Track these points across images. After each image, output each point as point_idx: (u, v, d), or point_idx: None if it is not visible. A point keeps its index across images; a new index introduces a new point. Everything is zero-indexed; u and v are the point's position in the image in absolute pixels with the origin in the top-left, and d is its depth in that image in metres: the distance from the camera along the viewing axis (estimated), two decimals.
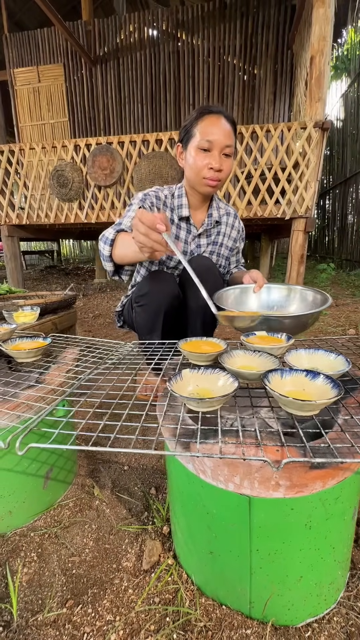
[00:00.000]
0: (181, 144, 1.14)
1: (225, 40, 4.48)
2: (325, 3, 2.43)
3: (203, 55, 4.56)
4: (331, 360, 0.59)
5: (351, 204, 4.99)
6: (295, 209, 2.75)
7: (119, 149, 2.91)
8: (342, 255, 5.24)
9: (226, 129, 1.06)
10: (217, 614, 0.52)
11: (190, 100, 4.75)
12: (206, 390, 0.53)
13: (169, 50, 4.64)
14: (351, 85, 4.80)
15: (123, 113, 4.95)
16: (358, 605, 0.54)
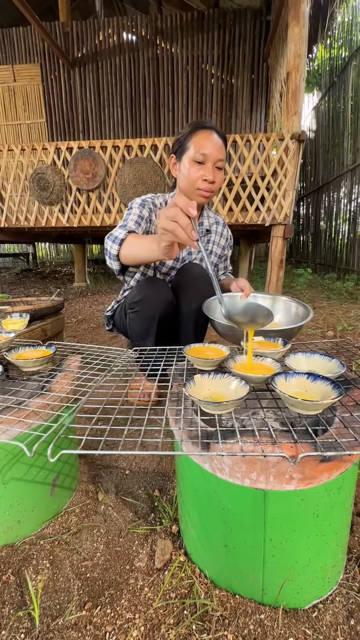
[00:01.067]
0: (175, 155, 1.19)
1: (204, 50, 4.60)
2: (300, 23, 2.57)
3: (182, 63, 4.65)
4: (327, 363, 0.65)
5: (324, 210, 5.24)
6: (275, 216, 2.86)
7: (101, 153, 2.91)
8: (316, 260, 5.49)
9: (218, 143, 1.12)
10: (231, 603, 0.56)
11: (169, 106, 4.82)
12: (218, 394, 0.56)
13: (149, 57, 4.69)
14: (322, 99, 5.06)
15: (102, 116, 4.93)
16: (356, 585, 0.59)
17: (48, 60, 4.85)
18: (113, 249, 1.00)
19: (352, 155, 4.24)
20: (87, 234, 4.12)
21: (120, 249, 0.99)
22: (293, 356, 0.68)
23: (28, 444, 0.49)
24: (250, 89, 4.66)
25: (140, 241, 0.95)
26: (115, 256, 1.01)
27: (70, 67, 4.82)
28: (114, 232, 1.03)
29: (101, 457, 1.01)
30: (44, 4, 5.92)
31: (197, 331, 1.31)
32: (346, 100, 4.32)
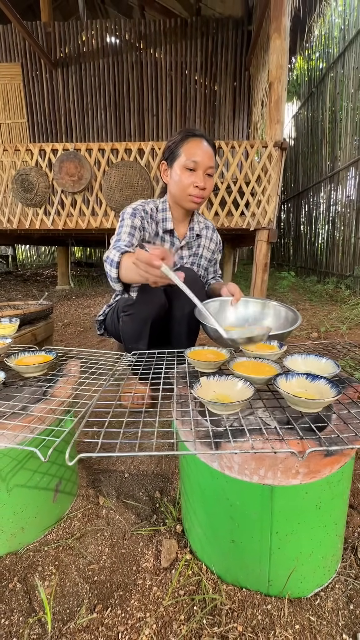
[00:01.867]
0: (166, 161, 1.21)
1: (187, 57, 4.67)
2: (281, 35, 2.67)
3: (166, 69, 4.70)
4: (322, 364, 0.69)
5: (304, 215, 5.42)
6: (259, 220, 2.94)
7: (87, 156, 2.90)
8: (297, 263, 5.66)
9: (209, 151, 1.16)
10: (239, 596, 0.58)
11: (153, 110, 4.85)
12: (224, 395, 0.59)
13: (132, 61, 4.71)
14: (301, 108, 5.25)
15: (86, 118, 4.90)
16: (353, 572, 0.63)
17: (29, 60, 4.77)
18: (112, 272, 1.00)
19: (330, 163, 4.41)
20: (71, 236, 4.07)
21: (119, 271, 0.99)
22: (290, 358, 0.71)
23: (41, 449, 0.49)
24: (233, 96, 4.77)
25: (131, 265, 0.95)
26: (116, 279, 1.01)
27: (53, 68, 4.76)
28: (109, 254, 1.02)
29: (99, 461, 1.01)
30: (24, 3, 5.82)
31: (189, 334, 1.33)
32: (324, 110, 4.50)
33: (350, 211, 3.93)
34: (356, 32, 3.62)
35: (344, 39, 3.90)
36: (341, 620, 0.55)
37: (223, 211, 2.94)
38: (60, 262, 4.88)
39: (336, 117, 4.17)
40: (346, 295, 3.43)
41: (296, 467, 0.48)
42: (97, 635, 0.54)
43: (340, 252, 4.16)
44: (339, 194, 4.20)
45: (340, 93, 4.07)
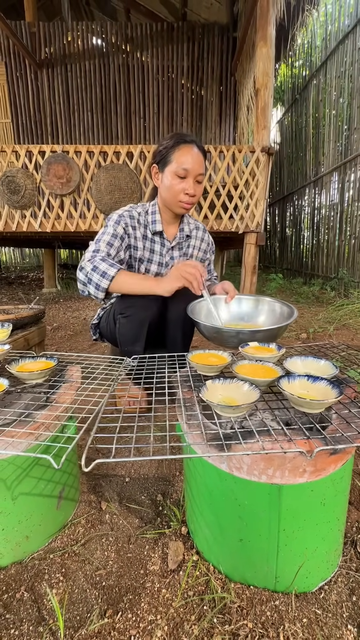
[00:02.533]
0: (157, 165, 1.23)
1: (174, 61, 4.70)
2: (267, 43, 2.74)
3: (152, 72, 4.72)
4: (320, 365, 0.72)
5: (289, 219, 5.54)
6: (247, 224, 2.99)
7: (75, 158, 2.88)
8: (283, 265, 5.77)
9: (199, 158, 1.18)
10: (247, 594, 0.59)
11: (140, 113, 4.86)
12: (231, 398, 0.60)
13: (119, 63, 4.71)
14: (285, 114, 5.37)
15: (72, 120, 4.86)
16: (353, 565, 0.65)
17: (13, 59, 4.69)
18: (102, 283, 1.06)
19: (314, 168, 4.53)
20: (58, 238, 4.02)
21: (111, 284, 1.06)
22: (290, 360, 0.74)
23: (54, 455, 0.49)
24: (219, 100, 4.84)
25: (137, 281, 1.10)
26: (105, 289, 1.07)
27: (38, 68, 4.70)
28: (99, 265, 1.07)
29: (99, 466, 1.00)
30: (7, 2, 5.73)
31: (185, 337, 1.34)
32: (308, 116, 4.63)
33: (333, 215, 4.05)
34: (337, 43, 3.74)
35: (325, 49, 4.03)
36: (345, 612, 0.57)
37: (212, 214, 2.98)
38: (46, 265, 4.81)
39: (319, 123, 4.29)
40: (331, 297, 3.53)
41: (303, 466, 0.50)
42: (109, 639, 0.54)
43: (325, 255, 4.27)
44: (323, 198, 4.32)
45: (322, 100, 4.19)
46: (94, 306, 3.74)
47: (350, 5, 3.48)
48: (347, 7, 3.55)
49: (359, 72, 3.38)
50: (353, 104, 3.49)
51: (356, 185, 3.53)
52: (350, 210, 3.68)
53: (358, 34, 3.37)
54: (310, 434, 0.52)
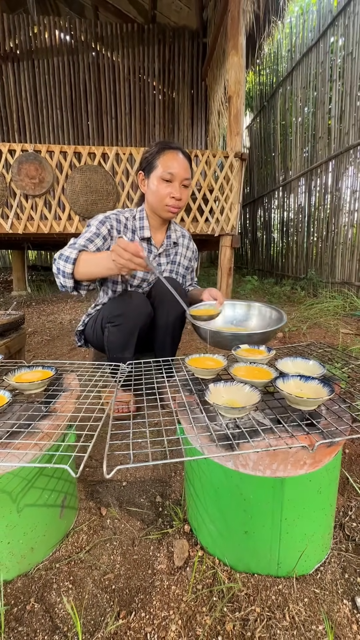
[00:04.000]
0: (143, 172, 1.24)
1: (145, 62, 4.70)
2: (238, 53, 2.83)
3: (124, 73, 4.69)
4: (309, 365, 0.78)
5: (260, 221, 5.74)
6: (223, 227, 3.07)
7: (48, 158, 2.80)
8: (255, 266, 5.96)
9: (185, 163, 1.21)
10: (252, 582, 0.64)
11: (112, 113, 4.81)
12: (233, 400, 0.64)
13: (89, 62, 4.62)
14: (254, 120, 5.56)
15: (40, 118, 4.70)
16: (343, 546, 0.72)
17: None
18: (67, 268, 1.04)
19: (282, 173, 4.73)
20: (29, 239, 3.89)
21: (75, 267, 1.04)
22: (281, 361, 0.79)
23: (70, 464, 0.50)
24: (191, 104, 4.91)
25: (95, 259, 1.04)
26: (70, 274, 1.05)
27: (2, 61, 4.50)
28: (64, 252, 1.07)
29: (93, 472, 1.01)
30: None
31: (173, 342, 1.37)
32: (275, 123, 4.82)
33: (301, 218, 4.26)
34: (301, 56, 3.94)
35: (291, 59, 4.22)
36: (340, 589, 0.63)
37: (189, 217, 3.03)
38: (15, 267, 4.62)
39: (287, 130, 4.49)
40: (302, 296, 3.71)
41: (304, 459, 0.55)
42: (126, 639, 0.56)
43: (295, 256, 4.48)
44: (292, 202, 4.52)
45: (289, 109, 4.39)
46: (70, 309, 3.66)
47: (313, 20, 3.68)
48: (310, 21, 3.75)
49: (322, 84, 3.59)
50: (317, 114, 3.69)
51: (321, 191, 3.74)
52: (317, 214, 3.89)
53: (321, 49, 3.57)
54: (305, 429, 0.57)
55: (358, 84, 2.98)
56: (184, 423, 0.66)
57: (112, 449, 1.08)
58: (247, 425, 0.61)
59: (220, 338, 0.99)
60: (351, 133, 3.11)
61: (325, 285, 3.61)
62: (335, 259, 3.48)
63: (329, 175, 3.57)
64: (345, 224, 3.32)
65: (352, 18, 3.01)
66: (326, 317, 2.76)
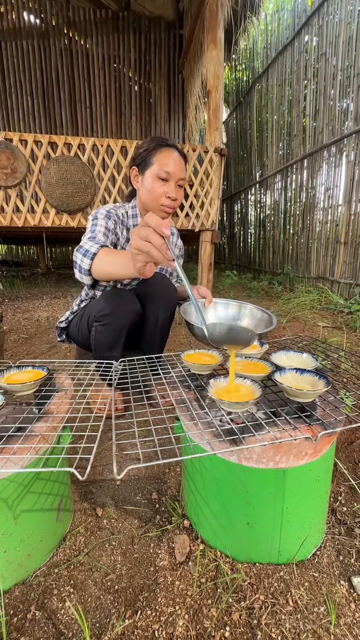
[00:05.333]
0: (137, 168, 1.21)
1: (120, 51, 4.58)
2: (217, 47, 2.82)
3: (98, 61, 4.54)
4: (302, 358, 0.80)
5: (237, 217, 5.80)
6: (203, 222, 3.08)
7: (21, 147, 2.66)
8: (233, 261, 6.04)
9: (181, 162, 1.19)
10: (254, 571, 0.65)
11: (86, 102, 4.65)
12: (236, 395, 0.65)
13: (61, 47, 4.43)
14: (230, 115, 5.58)
15: (9, 103, 4.46)
16: (336, 530, 0.75)
17: None
18: (84, 264, 0.95)
19: (259, 169, 4.81)
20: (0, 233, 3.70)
21: (92, 263, 0.94)
22: (275, 354, 0.81)
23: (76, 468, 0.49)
24: (168, 97, 4.85)
25: (114, 257, 0.90)
26: (87, 271, 0.96)
27: None
28: (83, 244, 0.99)
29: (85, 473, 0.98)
30: None
31: (162, 339, 1.36)
32: (252, 120, 4.87)
33: (277, 214, 4.36)
34: (277, 53, 3.99)
35: (267, 57, 4.27)
36: (336, 571, 0.66)
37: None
38: None
39: (263, 127, 4.55)
40: (279, 291, 3.81)
41: (306, 450, 0.57)
42: (134, 639, 0.55)
43: (271, 252, 4.58)
44: (268, 198, 4.61)
45: (265, 106, 4.45)
46: (46, 306, 3.53)
47: (288, 18, 3.73)
48: (285, 19, 3.81)
49: (297, 83, 3.66)
50: (293, 112, 3.77)
51: (296, 188, 3.84)
52: (292, 211, 3.99)
53: (296, 47, 3.63)
54: (307, 420, 0.59)
55: (331, 84, 3.07)
56: (184, 419, 0.66)
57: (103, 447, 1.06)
58: (250, 419, 0.62)
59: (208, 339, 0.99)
60: (325, 132, 3.21)
61: (301, 280, 3.72)
62: (311, 255, 3.60)
63: (304, 172, 3.67)
64: (320, 221, 3.43)
65: (326, 19, 3.09)
66: (303, 311, 2.85)
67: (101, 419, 0.66)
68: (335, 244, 3.18)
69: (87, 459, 1.03)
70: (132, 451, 1.02)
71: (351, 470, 0.93)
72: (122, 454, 0.95)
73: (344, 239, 3.03)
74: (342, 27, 2.86)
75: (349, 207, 2.93)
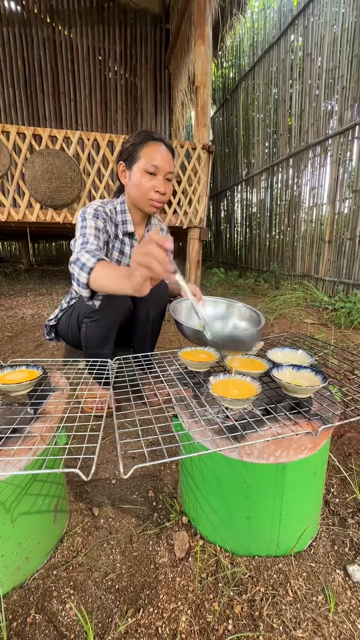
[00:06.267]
0: (124, 162, 1.19)
1: (105, 43, 4.48)
2: (205, 43, 2.81)
3: (82, 52, 4.43)
4: (297, 355, 0.82)
5: (223, 214, 5.83)
6: (191, 219, 3.08)
7: (3, 139, 2.57)
8: (219, 258, 6.07)
9: (169, 156, 1.18)
10: (253, 564, 0.66)
11: (70, 95, 4.54)
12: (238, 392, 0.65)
13: (44, 37, 4.30)
14: (217, 112, 5.58)
15: None
16: (330, 521, 0.77)
17: None
18: (82, 277, 0.92)
19: (245, 167, 4.84)
20: None
21: (90, 277, 0.92)
22: (271, 351, 0.82)
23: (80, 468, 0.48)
24: (154, 92, 4.80)
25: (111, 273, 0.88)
26: (85, 284, 0.93)
27: None
28: (79, 257, 0.95)
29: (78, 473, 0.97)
30: None
31: (153, 336, 1.36)
32: (238, 118, 4.89)
33: (264, 212, 4.41)
34: (263, 52, 4.02)
35: (254, 55, 4.29)
36: (332, 560, 0.68)
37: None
38: None
39: (250, 125, 4.57)
40: (265, 288, 3.87)
41: (306, 444, 0.58)
42: (138, 636, 0.55)
43: (257, 249, 4.64)
44: (254, 196, 4.65)
45: (252, 104, 4.47)
46: (31, 303, 3.44)
47: (274, 17, 3.75)
48: (271, 18, 3.83)
49: (283, 82, 3.70)
50: (279, 111, 3.81)
51: (282, 187, 3.90)
52: (278, 209, 4.04)
53: (282, 47, 3.67)
54: (306, 415, 0.60)
55: (317, 85, 3.13)
56: (185, 417, 0.66)
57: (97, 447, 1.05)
58: (251, 415, 0.63)
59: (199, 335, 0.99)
60: (310, 132, 3.26)
61: (287, 277, 3.79)
62: (296, 253, 3.67)
63: (289, 171, 3.72)
64: (305, 219, 3.50)
65: (312, 19, 3.13)
66: (290, 309, 2.90)
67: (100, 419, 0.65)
68: (320, 242, 3.25)
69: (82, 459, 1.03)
70: (133, 450, 1.02)
71: (342, 462, 0.96)
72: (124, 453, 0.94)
73: (328, 238, 3.10)
74: (328, 29, 2.90)
75: (333, 206, 3.00)
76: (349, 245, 2.84)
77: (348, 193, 2.86)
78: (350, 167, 2.79)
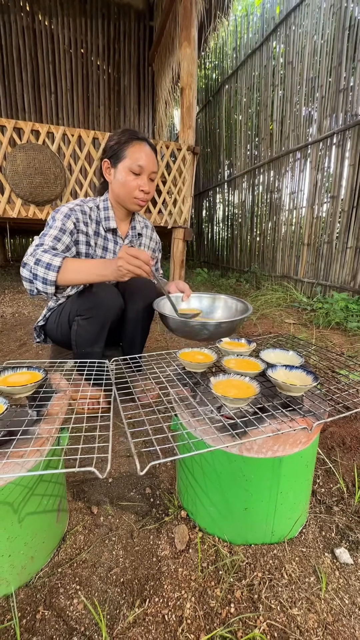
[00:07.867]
0: (109, 160, 1.20)
1: (88, 36, 4.40)
2: (191, 45, 2.83)
3: (64, 44, 4.33)
4: (288, 356, 0.87)
5: (205, 215, 5.90)
6: (176, 219, 3.11)
7: None
8: (201, 258, 6.13)
9: (153, 156, 1.21)
10: (250, 552, 0.71)
11: (51, 88, 4.42)
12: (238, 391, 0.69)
13: (23, 25, 4.15)
14: (199, 113, 5.63)
15: None
16: (317, 509, 0.84)
17: None
18: (49, 276, 0.99)
19: (227, 169, 4.92)
20: None
21: (58, 275, 1.00)
22: (263, 352, 0.87)
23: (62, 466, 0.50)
24: (137, 89, 4.76)
25: (85, 266, 1.04)
26: (53, 282, 1.00)
27: None
28: (40, 257, 1.00)
29: (74, 473, 0.98)
30: None
31: (143, 336, 1.38)
32: (220, 120, 4.95)
33: (245, 214, 4.51)
34: (246, 57, 4.10)
35: (236, 59, 4.36)
36: (321, 545, 0.74)
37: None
38: None
39: (232, 128, 4.65)
40: (247, 289, 3.96)
41: (301, 439, 0.63)
42: (147, 625, 0.58)
43: (239, 250, 4.73)
44: (236, 198, 4.74)
45: (234, 107, 4.55)
46: (10, 302, 3.34)
47: (257, 23, 3.84)
48: (254, 24, 3.91)
49: (265, 88, 3.79)
50: (261, 115, 3.90)
51: (263, 189, 4.00)
52: (259, 211, 4.15)
53: (264, 53, 3.75)
54: (301, 412, 0.65)
55: (297, 92, 3.23)
56: (188, 416, 0.70)
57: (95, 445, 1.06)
58: (250, 413, 0.67)
59: (188, 328, 1.03)
60: (291, 138, 3.37)
61: (268, 278, 3.90)
62: (276, 254, 3.78)
63: (270, 175, 3.83)
64: (285, 222, 3.62)
65: (293, 28, 3.23)
66: (271, 309, 3.00)
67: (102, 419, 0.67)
68: (299, 244, 3.37)
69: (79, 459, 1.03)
70: (140, 449, 1.03)
71: (326, 455, 1.03)
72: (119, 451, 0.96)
73: (307, 241, 3.22)
74: (308, 39, 3.01)
75: (312, 210, 3.13)
76: (327, 248, 2.98)
77: (326, 198, 2.99)
78: (328, 174, 2.92)
